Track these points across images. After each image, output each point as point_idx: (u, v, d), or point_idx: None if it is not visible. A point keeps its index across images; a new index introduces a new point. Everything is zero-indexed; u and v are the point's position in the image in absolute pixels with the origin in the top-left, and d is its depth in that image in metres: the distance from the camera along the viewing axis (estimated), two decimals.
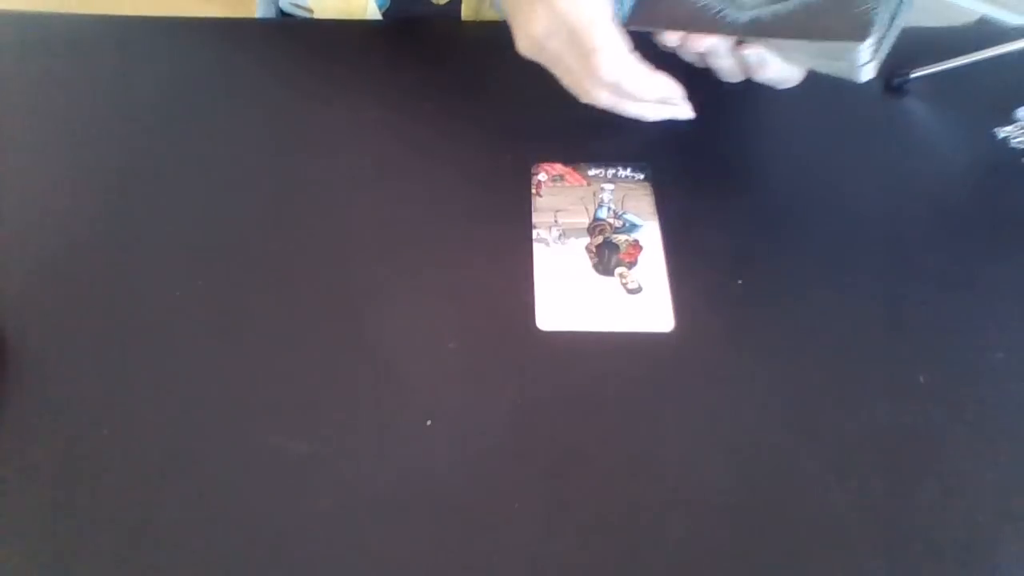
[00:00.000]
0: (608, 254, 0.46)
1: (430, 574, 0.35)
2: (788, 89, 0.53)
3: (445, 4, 0.62)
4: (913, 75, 0.55)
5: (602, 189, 0.49)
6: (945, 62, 0.54)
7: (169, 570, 0.34)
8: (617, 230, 0.47)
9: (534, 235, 0.47)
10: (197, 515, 0.36)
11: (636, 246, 0.46)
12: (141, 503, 0.36)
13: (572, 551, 0.35)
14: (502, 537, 0.36)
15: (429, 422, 0.39)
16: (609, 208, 0.48)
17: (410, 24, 0.60)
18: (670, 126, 0.53)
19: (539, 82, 0.49)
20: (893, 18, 0.42)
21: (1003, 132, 0.53)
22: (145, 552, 0.35)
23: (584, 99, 0.49)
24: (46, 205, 0.47)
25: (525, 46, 0.49)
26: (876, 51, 0.42)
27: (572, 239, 0.46)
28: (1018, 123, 0.53)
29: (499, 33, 0.50)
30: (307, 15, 0.66)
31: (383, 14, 0.63)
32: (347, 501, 0.36)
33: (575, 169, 0.50)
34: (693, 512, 0.36)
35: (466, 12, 0.63)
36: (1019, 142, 0.52)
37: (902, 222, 0.48)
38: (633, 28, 0.48)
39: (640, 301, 0.44)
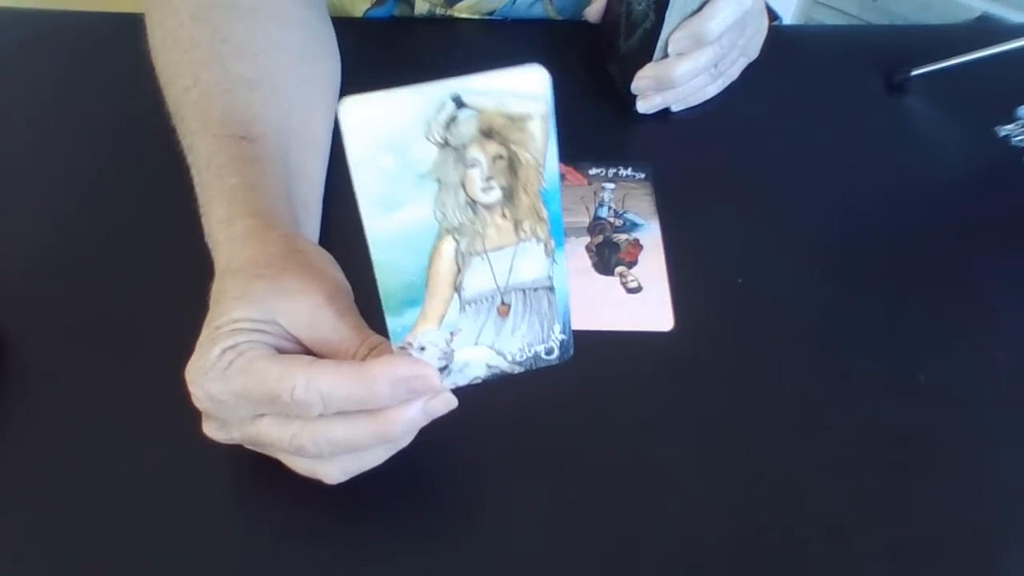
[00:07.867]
0: (608, 253, 0.46)
1: (429, 574, 0.35)
2: (789, 88, 0.53)
3: None
4: (914, 73, 0.55)
5: (603, 188, 0.49)
6: (946, 60, 0.54)
7: (172, 570, 0.35)
8: (617, 229, 0.47)
9: None
10: (199, 514, 0.36)
11: (636, 245, 0.46)
12: (143, 502, 0.36)
13: (572, 551, 0.35)
14: (502, 537, 0.36)
15: None
16: (610, 207, 0.48)
17: (406, 23, 0.60)
18: (671, 126, 0.53)
19: None
20: None
21: (1004, 130, 0.53)
22: (146, 552, 0.35)
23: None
24: (47, 203, 0.47)
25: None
26: None
27: (572, 238, 0.46)
28: (1019, 121, 0.53)
29: (498, 32, 0.50)
30: None
31: None
32: (346, 502, 0.36)
33: (576, 168, 0.50)
34: (693, 511, 0.36)
35: None
36: (1020, 140, 0.52)
37: (902, 221, 0.48)
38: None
39: (640, 300, 0.44)
